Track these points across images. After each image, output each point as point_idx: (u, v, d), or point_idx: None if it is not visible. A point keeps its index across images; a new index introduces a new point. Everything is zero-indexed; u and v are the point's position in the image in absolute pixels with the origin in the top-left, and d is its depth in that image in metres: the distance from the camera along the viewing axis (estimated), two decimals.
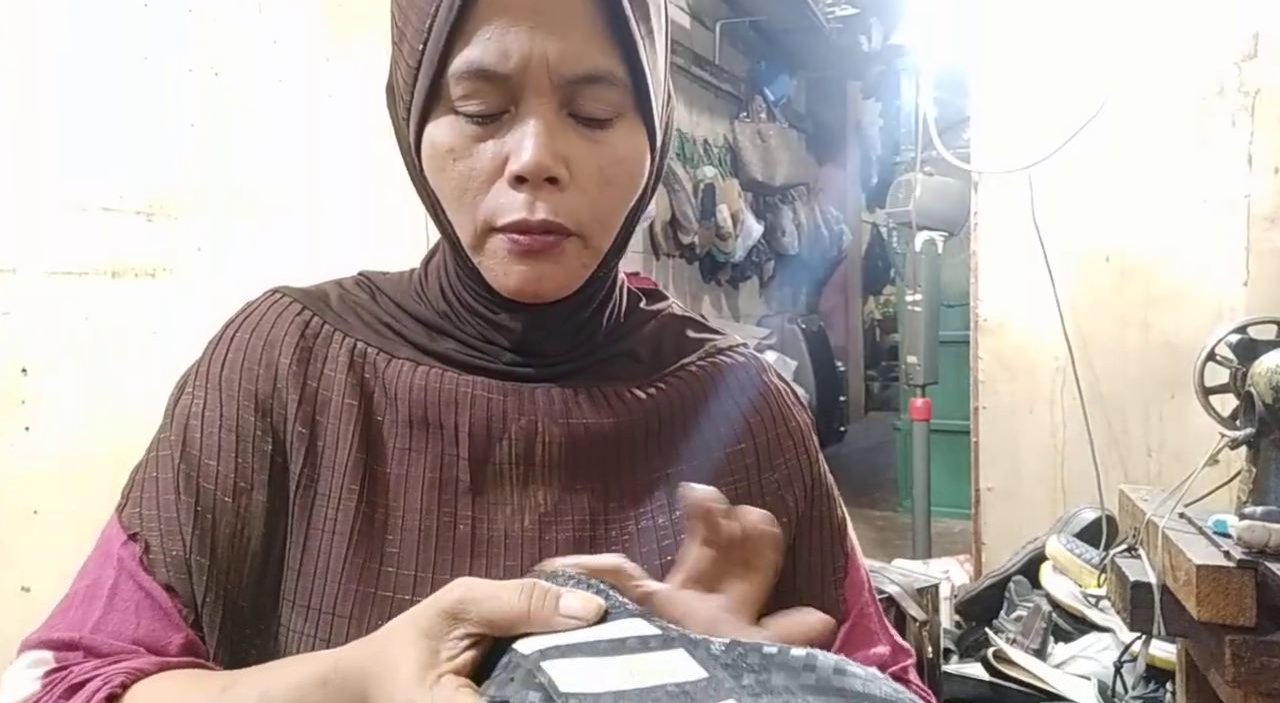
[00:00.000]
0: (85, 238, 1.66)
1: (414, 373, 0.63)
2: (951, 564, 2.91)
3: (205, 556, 0.59)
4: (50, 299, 1.60)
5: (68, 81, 1.63)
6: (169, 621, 0.58)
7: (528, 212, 0.57)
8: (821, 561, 0.71)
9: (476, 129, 0.57)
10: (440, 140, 0.58)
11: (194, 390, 0.63)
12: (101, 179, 1.68)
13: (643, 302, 0.73)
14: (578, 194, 0.58)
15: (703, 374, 0.70)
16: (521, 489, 0.62)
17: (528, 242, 0.58)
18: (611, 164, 0.59)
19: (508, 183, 0.57)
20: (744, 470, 0.68)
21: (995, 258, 2.83)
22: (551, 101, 0.56)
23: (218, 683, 0.53)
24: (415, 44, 0.57)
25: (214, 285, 1.86)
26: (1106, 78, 2.60)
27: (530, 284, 0.59)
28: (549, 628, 0.45)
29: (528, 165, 0.56)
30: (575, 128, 0.58)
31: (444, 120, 0.58)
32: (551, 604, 0.46)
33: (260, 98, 1.99)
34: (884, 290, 8.14)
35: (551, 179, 0.56)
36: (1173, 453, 2.55)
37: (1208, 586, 1.28)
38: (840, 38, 5.58)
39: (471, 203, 0.58)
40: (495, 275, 0.60)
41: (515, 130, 0.57)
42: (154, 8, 1.77)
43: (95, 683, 0.54)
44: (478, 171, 0.58)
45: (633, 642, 0.45)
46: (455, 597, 0.46)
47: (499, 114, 0.57)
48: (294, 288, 0.68)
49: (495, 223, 0.58)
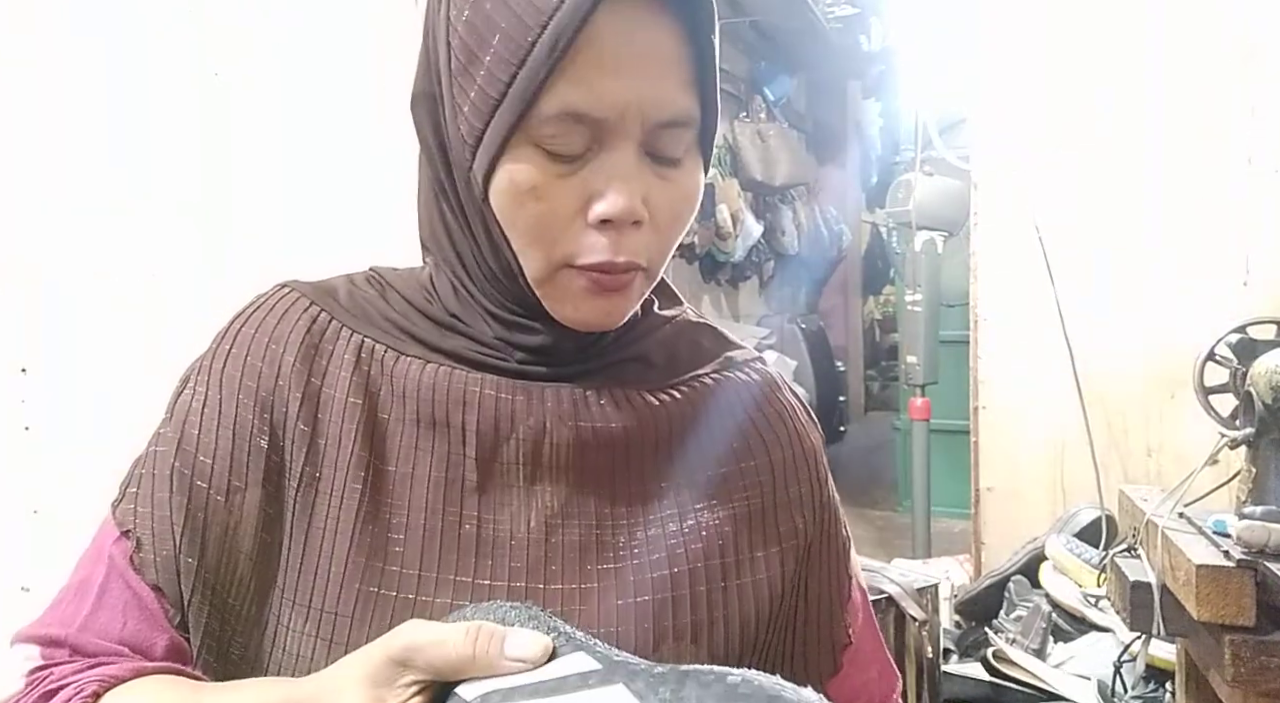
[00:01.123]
0: (85, 238, 1.66)
1: (422, 371, 0.63)
2: (951, 564, 2.91)
3: (195, 556, 0.59)
4: (50, 299, 1.60)
5: (68, 81, 1.63)
6: (155, 623, 0.58)
7: (612, 253, 0.57)
8: (830, 587, 0.71)
9: (560, 167, 0.57)
10: (522, 178, 0.57)
11: (195, 386, 0.63)
12: (102, 179, 1.68)
13: (655, 305, 0.72)
14: (652, 232, 0.59)
15: (717, 386, 0.69)
16: (528, 490, 0.62)
17: (609, 281, 0.58)
18: (680, 200, 0.60)
19: (591, 223, 0.57)
20: (758, 488, 0.68)
21: (995, 258, 2.83)
22: (635, 143, 0.57)
23: (184, 699, 0.54)
24: (499, 74, 0.55)
25: (214, 285, 1.86)
26: (1106, 77, 2.60)
27: (600, 318, 0.60)
28: (494, 672, 0.46)
29: (618, 210, 0.56)
30: (651, 167, 0.58)
31: (524, 155, 0.57)
32: (497, 648, 0.46)
33: (260, 98, 1.99)
34: (884, 290, 8.13)
35: (636, 222, 0.57)
36: (1173, 453, 2.55)
37: (1207, 585, 1.28)
38: (840, 38, 5.58)
39: (549, 240, 0.58)
40: (564, 309, 0.60)
41: (601, 172, 0.57)
42: (154, 8, 1.77)
43: (68, 692, 0.55)
44: (560, 210, 0.57)
45: (573, 679, 0.45)
46: (401, 644, 0.46)
47: (583, 153, 0.57)
48: (303, 282, 0.67)
49: (574, 261, 0.58)
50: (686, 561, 0.62)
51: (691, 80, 0.58)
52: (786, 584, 0.67)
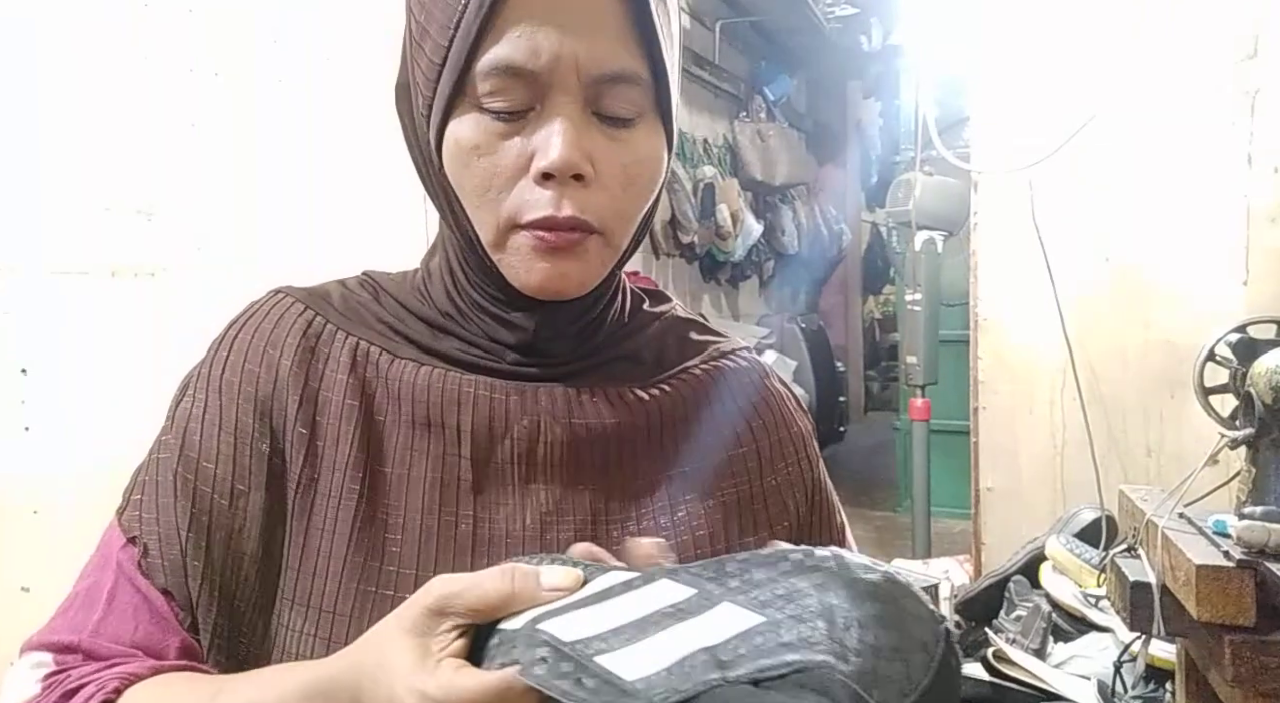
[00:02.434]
0: (85, 238, 1.66)
1: (417, 372, 0.64)
2: (951, 564, 2.90)
3: (201, 559, 0.59)
4: (50, 299, 1.60)
5: (68, 81, 1.63)
6: (166, 625, 0.59)
7: (554, 208, 0.57)
8: None
9: (502, 126, 0.57)
10: (465, 137, 0.58)
11: (194, 393, 0.64)
12: (101, 179, 1.68)
13: (645, 303, 0.73)
14: (601, 192, 0.58)
15: (705, 377, 0.70)
16: (523, 488, 0.63)
17: (553, 239, 0.58)
18: (634, 163, 0.59)
19: (533, 180, 0.57)
20: (745, 473, 0.68)
21: (995, 258, 2.82)
22: (578, 100, 0.57)
23: (206, 690, 0.54)
24: (440, 40, 0.57)
25: (214, 285, 1.86)
26: (1106, 77, 2.60)
27: (553, 282, 0.59)
28: (534, 603, 0.46)
29: (556, 162, 0.56)
30: (599, 127, 0.58)
31: (468, 117, 0.58)
32: (534, 581, 0.47)
33: (260, 98, 1.99)
34: (884, 290, 8.13)
35: (578, 176, 0.57)
36: (1172, 453, 2.55)
37: (1207, 585, 1.28)
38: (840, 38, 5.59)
39: (495, 200, 0.58)
40: (517, 273, 0.60)
41: (541, 128, 0.57)
42: (154, 8, 1.77)
43: (90, 689, 0.55)
44: (502, 168, 0.58)
45: (617, 588, 0.46)
46: (436, 594, 0.47)
47: (524, 112, 0.57)
48: (297, 288, 0.68)
49: (520, 220, 0.58)
50: (677, 551, 0.63)
51: (634, 38, 0.57)
52: None
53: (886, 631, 0.41)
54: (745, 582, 0.44)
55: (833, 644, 0.39)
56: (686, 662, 0.39)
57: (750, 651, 0.39)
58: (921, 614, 0.42)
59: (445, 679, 0.44)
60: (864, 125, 7.15)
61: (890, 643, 0.40)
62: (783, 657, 0.39)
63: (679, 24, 0.63)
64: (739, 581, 0.44)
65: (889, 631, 0.41)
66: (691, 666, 0.39)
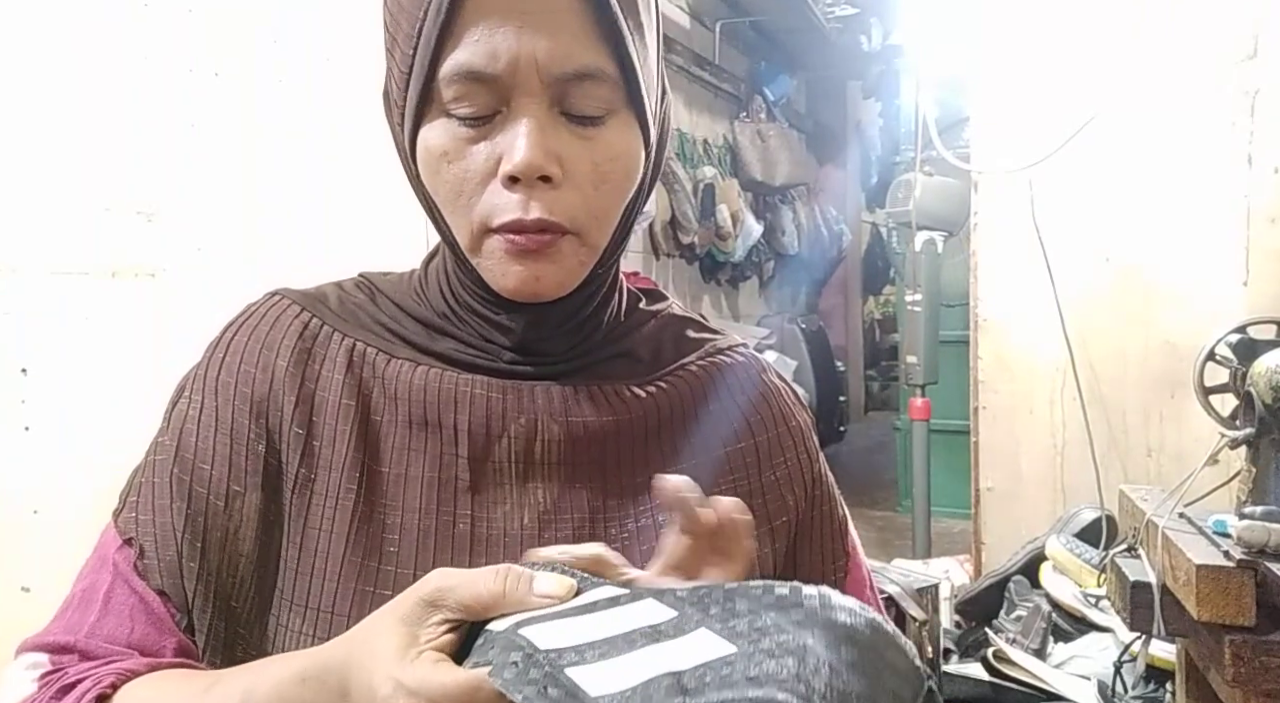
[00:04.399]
0: (85, 238, 1.66)
1: (413, 373, 0.64)
2: (951, 564, 2.90)
3: (196, 560, 0.59)
4: (50, 299, 1.60)
5: (68, 81, 1.63)
6: (162, 626, 0.59)
7: (522, 211, 0.57)
8: (823, 559, 0.71)
9: (469, 131, 0.57)
10: (434, 144, 0.58)
11: (191, 395, 0.64)
12: (101, 179, 1.68)
13: (642, 302, 0.73)
14: (572, 192, 0.58)
15: (703, 373, 0.70)
16: (521, 487, 0.63)
17: (524, 241, 0.58)
18: (605, 161, 0.59)
19: (501, 183, 0.57)
20: (744, 469, 0.68)
21: (995, 258, 2.83)
22: (542, 100, 0.56)
23: (202, 682, 0.54)
24: (406, 49, 0.57)
25: (214, 285, 1.86)
26: (1106, 77, 2.60)
27: (528, 284, 0.59)
28: (524, 608, 0.46)
29: (520, 165, 0.56)
30: (567, 126, 0.58)
31: (437, 124, 0.58)
32: (525, 585, 0.47)
33: (260, 98, 1.99)
34: (884, 290, 8.14)
35: (545, 177, 0.57)
36: (1173, 453, 2.55)
37: (1207, 585, 1.28)
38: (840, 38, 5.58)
39: (467, 205, 0.58)
40: (493, 276, 0.60)
41: (507, 131, 0.57)
42: (154, 8, 1.77)
43: (86, 684, 0.55)
44: (471, 173, 0.58)
45: (603, 603, 0.46)
46: (433, 586, 0.47)
47: (491, 116, 0.57)
48: (293, 290, 0.68)
49: (491, 224, 0.58)
50: None
51: (597, 34, 0.57)
52: (779, 562, 0.68)
53: (857, 677, 0.40)
54: (726, 611, 0.44)
55: (798, 684, 0.39)
56: (651, 684, 0.39)
57: (715, 680, 0.39)
58: (901, 667, 0.42)
59: (421, 672, 0.44)
60: (864, 125, 7.15)
61: (858, 690, 0.40)
62: (745, 691, 0.38)
63: (655, 16, 0.62)
64: (720, 609, 0.44)
65: (860, 677, 0.40)
66: (655, 689, 0.39)
